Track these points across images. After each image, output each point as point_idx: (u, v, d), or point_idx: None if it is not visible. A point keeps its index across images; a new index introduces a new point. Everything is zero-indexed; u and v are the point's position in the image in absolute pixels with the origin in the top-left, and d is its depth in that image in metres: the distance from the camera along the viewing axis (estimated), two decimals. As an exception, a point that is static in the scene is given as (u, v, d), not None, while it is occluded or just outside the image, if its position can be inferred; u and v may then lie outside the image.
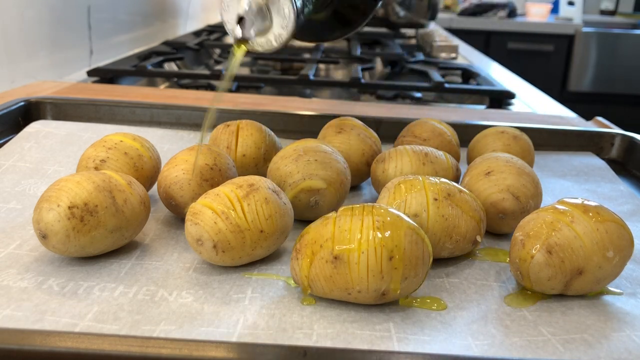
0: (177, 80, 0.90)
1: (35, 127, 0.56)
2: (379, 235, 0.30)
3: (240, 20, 0.34)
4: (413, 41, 1.46)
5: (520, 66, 2.52)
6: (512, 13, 2.82)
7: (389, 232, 0.30)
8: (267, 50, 0.36)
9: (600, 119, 0.73)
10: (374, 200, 0.47)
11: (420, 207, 0.36)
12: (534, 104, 0.86)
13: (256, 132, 0.47)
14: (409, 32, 1.62)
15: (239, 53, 0.36)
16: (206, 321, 0.30)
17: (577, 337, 0.30)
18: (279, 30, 0.35)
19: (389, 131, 0.58)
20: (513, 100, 0.87)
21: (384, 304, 0.32)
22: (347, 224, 0.31)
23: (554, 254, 0.32)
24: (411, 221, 0.32)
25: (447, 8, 2.99)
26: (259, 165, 0.47)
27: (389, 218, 0.31)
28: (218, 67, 0.87)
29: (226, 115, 0.61)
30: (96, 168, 0.42)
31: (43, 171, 0.48)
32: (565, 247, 0.32)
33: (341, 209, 0.33)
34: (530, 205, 0.40)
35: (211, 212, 0.34)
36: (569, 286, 0.33)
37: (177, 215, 0.41)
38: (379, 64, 1.20)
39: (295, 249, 0.33)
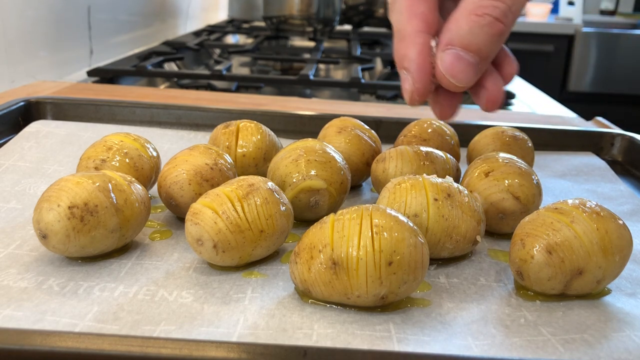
0: (177, 80, 0.90)
1: (35, 127, 0.56)
2: (377, 240, 0.30)
3: None
4: (413, 41, 1.46)
5: (520, 66, 2.52)
6: (512, 13, 2.82)
7: (387, 236, 0.30)
8: None
9: (600, 119, 0.73)
10: (374, 200, 0.47)
11: (421, 207, 0.36)
12: (534, 104, 0.86)
13: (256, 132, 0.47)
14: (409, 32, 1.62)
15: None
16: (206, 321, 0.30)
17: (577, 337, 0.30)
18: None
19: (389, 131, 0.58)
20: (513, 100, 0.87)
21: (384, 304, 0.32)
22: (345, 228, 0.31)
23: (554, 254, 0.32)
24: (410, 223, 0.32)
25: (447, 8, 2.99)
26: (259, 165, 0.47)
27: (387, 221, 0.31)
28: (218, 67, 0.87)
29: (226, 115, 0.61)
30: (96, 168, 0.42)
31: (43, 171, 0.48)
32: (565, 247, 0.32)
33: (339, 211, 0.33)
34: (530, 205, 0.40)
35: (211, 212, 0.34)
36: (569, 286, 0.33)
37: (177, 215, 0.41)
38: (379, 64, 1.20)
39: (294, 253, 0.33)
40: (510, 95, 0.83)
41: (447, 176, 0.39)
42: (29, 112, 0.60)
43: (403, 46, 0.32)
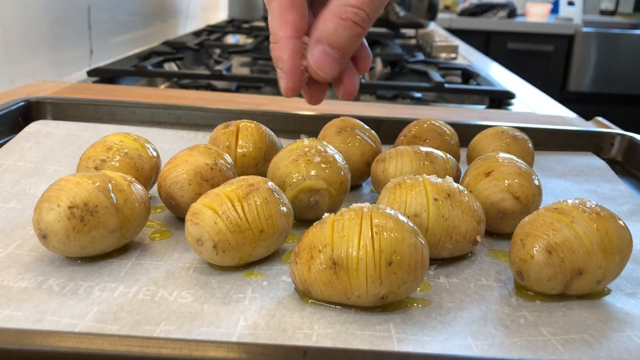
0: (177, 80, 0.90)
1: (35, 127, 0.56)
2: (377, 240, 0.30)
3: None
4: (413, 41, 1.46)
5: (520, 66, 2.52)
6: (512, 13, 2.82)
7: (387, 236, 0.30)
8: None
9: (600, 119, 0.73)
10: (374, 200, 0.47)
11: (421, 208, 0.36)
12: (534, 104, 0.86)
13: (256, 132, 0.47)
14: (409, 32, 1.62)
15: None
16: (206, 321, 0.30)
17: (577, 337, 0.30)
18: None
19: (389, 131, 0.58)
20: (513, 100, 0.87)
21: (384, 304, 0.32)
22: (345, 228, 0.31)
23: (554, 254, 0.32)
24: (409, 223, 0.32)
25: (447, 8, 2.99)
26: (259, 165, 0.47)
27: (387, 222, 0.31)
28: (218, 67, 0.87)
29: (226, 115, 0.61)
30: (96, 168, 0.42)
31: (43, 171, 0.48)
32: (565, 247, 0.32)
33: (339, 211, 0.33)
34: (530, 205, 0.40)
35: (211, 212, 0.34)
36: (569, 286, 0.33)
37: (177, 215, 0.41)
38: (379, 64, 1.20)
39: (294, 253, 0.33)
40: (510, 95, 0.83)
41: (447, 176, 0.39)
42: (29, 112, 0.60)
43: (277, 48, 0.37)
